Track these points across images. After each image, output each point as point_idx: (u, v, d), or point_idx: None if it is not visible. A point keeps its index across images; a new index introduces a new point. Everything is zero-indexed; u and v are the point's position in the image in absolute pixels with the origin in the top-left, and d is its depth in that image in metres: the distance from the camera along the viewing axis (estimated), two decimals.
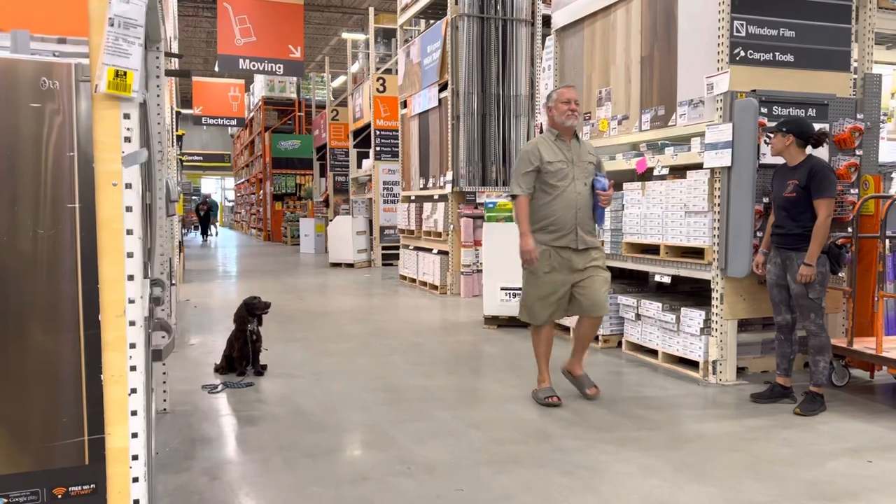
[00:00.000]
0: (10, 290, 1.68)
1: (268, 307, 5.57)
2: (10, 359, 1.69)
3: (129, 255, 1.78)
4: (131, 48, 1.71)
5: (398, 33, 12.55)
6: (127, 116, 1.75)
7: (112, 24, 1.69)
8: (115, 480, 1.79)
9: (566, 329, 6.86)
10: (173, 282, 7.50)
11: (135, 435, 1.80)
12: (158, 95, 4.39)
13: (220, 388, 5.04)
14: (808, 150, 4.52)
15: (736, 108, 4.87)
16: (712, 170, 5.04)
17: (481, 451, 3.76)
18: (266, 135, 25.52)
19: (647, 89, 5.91)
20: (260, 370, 5.46)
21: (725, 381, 5.11)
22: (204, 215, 26.95)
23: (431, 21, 11.44)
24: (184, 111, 33.40)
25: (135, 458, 1.81)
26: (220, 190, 48.26)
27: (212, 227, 28.76)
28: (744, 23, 4.97)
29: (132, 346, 1.79)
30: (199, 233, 27.92)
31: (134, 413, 1.80)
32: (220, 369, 5.50)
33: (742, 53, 5.00)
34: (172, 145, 11.62)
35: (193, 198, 29.81)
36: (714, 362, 5.14)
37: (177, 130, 13.81)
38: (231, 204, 42.72)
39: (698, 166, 5.18)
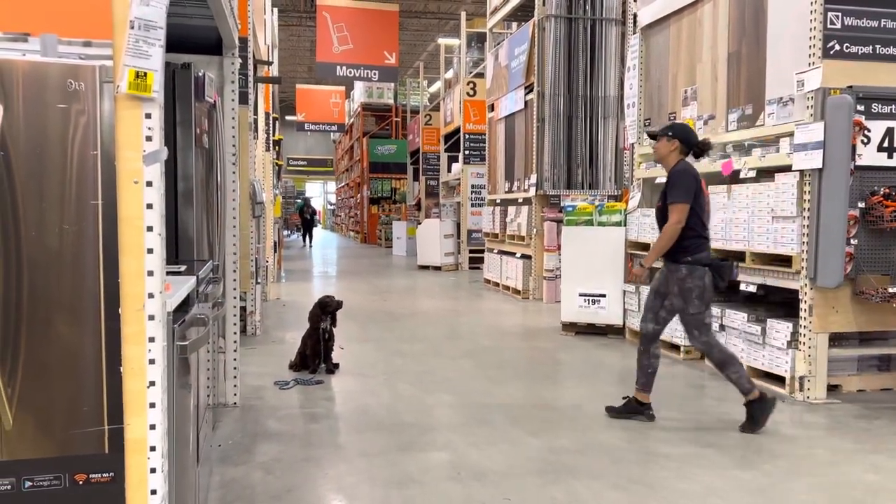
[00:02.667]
0: (37, 283, 1.77)
1: (340, 305, 5.66)
2: (36, 347, 1.77)
3: (150, 251, 1.83)
4: (151, 49, 1.76)
5: (488, 37, 12.53)
6: (148, 116, 1.80)
7: (133, 27, 1.74)
8: (133, 470, 1.84)
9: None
10: (259, 280, 7.78)
11: (153, 427, 1.85)
12: (233, 100, 4.56)
13: (290, 384, 5.17)
14: (689, 159, 4.29)
15: (829, 105, 4.53)
16: (802, 172, 4.71)
17: (536, 459, 3.65)
18: (364, 140, 26.13)
19: (734, 87, 5.60)
20: (332, 368, 5.56)
21: (814, 398, 4.75)
22: (310, 218, 26.17)
23: (522, 24, 11.35)
24: (288, 118, 34.81)
25: (152, 448, 1.85)
26: (323, 194, 49.89)
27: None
28: (839, 14, 4.62)
29: (151, 339, 1.84)
30: (300, 235, 27.40)
31: (152, 405, 1.85)
32: (294, 366, 5.64)
33: (836, 47, 4.64)
34: (268, 150, 12.09)
35: (296, 201, 30.35)
36: (802, 378, 4.79)
37: (274, 135, 14.37)
38: (332, 207, 44.04)
39: (787, 168, 4.85)
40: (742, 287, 5.44)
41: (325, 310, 5.59)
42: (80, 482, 1.81)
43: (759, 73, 5.28)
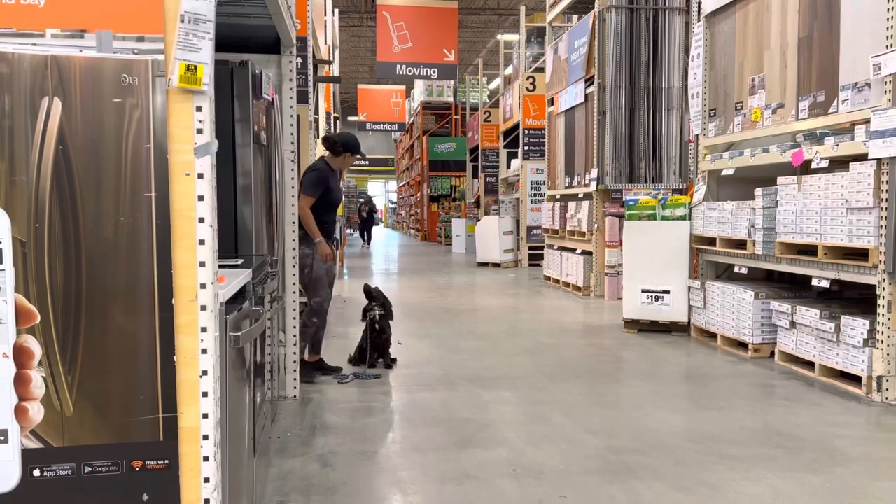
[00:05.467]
0: (95, 273, 1.81)
1: (369, 288, 5.71)
2: (94, 337, 1.82)
3: (201, 242, 1.85)
4: (201, 43, 1.78)
5: (547, 31, 12.38)
6: (199, 109, 1.82)
7: (183, 21, 1.76)
8: (186, 458, 1.87)
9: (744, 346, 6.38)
10: None
11: (205, 416, 1.87)
12: (291, 98, 4.62)
13: (349, 378, 5.21)
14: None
15: None
16: (879, 161, 4.46)
17: (595, 458, 3.57)
18: (424, 138, 26.25)
19: (804, 74, 5.35)
20: (389, 363, 5.59)
21: (893, 399, 4.50)
22: (367, 217, 24.37)
23: (582, 16, 11.16)
24: (350, 118, 35.27)
25: (205, 437, 1.88)
26: (385, 192, 50.48)
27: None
28: None
29: (203, 329, 1.86)
30: (359, 234, 25.29)
31: (205, 394, 1.87)
32: (353, 360, 5.70)
33: None
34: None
35: (359, 200, 30.10)
36: (879, 378, 4.54)
37: None
38: (394, 206, 44.47)
39: (863, 157, 4.60)
40: (814, 282, 5.20)
41: (369, 296, 5.63)
42: (137, 468, 1.85)
43: (832, 59, 5.02)
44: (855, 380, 4.76)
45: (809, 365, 5.22)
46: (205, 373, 1.87)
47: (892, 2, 4.41)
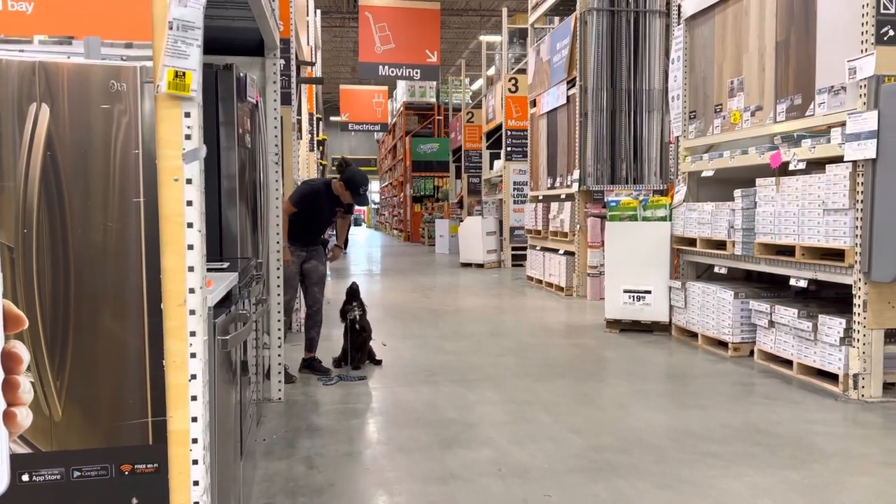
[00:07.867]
0: (84, 278, 1.82)
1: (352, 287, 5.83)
2: (83, 341, 1.83)
3: (190, 247, 1.86)
4: (189, 49, 1.80)
5: (529, 32, 12.45)
6: (187, 115, 1.83)
7: (171, 28, 1.78)
8: (176, 461, 1.89)
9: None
10: None
11: (194, 419, 1.89)
12: (275, 100, 4.62)
13: (334, 380, 5.22)
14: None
15: (883, 93, 4.37)
16: (854, 163, 4.55)
17: (579, 457, 3.62)
18: (407, 139, 26.26)
19: (782, 77, 5.44)
20: (374, 360, 5.63)
21: (869, 397, 4.59)
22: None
23: (564, 18, 11.24)
24: (332, 118, 35.15)
25: (194, 441, 1.89)
26: (368, 192, 50.35)
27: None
28: None
29: (192, 334, 1.87)
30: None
31: (194, 398, 1.89)
32: (337, 362, 5.70)
33: (891, 33, 4.47)
34: (312, 150, 12.24)
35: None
36: (856, 376, 4.63)
37: (318, 136, 14.54)
38: (376, 206, 44.38)
39: (839, 159, 4.70)
40: (792, 282, 5.29)
41: (349, 296, 5.68)
42: (126, 472, 1.86)
43: (809, 62, 5.12)
44: (832, 377, 4.85)
45: (788, 363, 5.31)
46: (194, 377, 1.88)
47: (865, 7, 4.50)
